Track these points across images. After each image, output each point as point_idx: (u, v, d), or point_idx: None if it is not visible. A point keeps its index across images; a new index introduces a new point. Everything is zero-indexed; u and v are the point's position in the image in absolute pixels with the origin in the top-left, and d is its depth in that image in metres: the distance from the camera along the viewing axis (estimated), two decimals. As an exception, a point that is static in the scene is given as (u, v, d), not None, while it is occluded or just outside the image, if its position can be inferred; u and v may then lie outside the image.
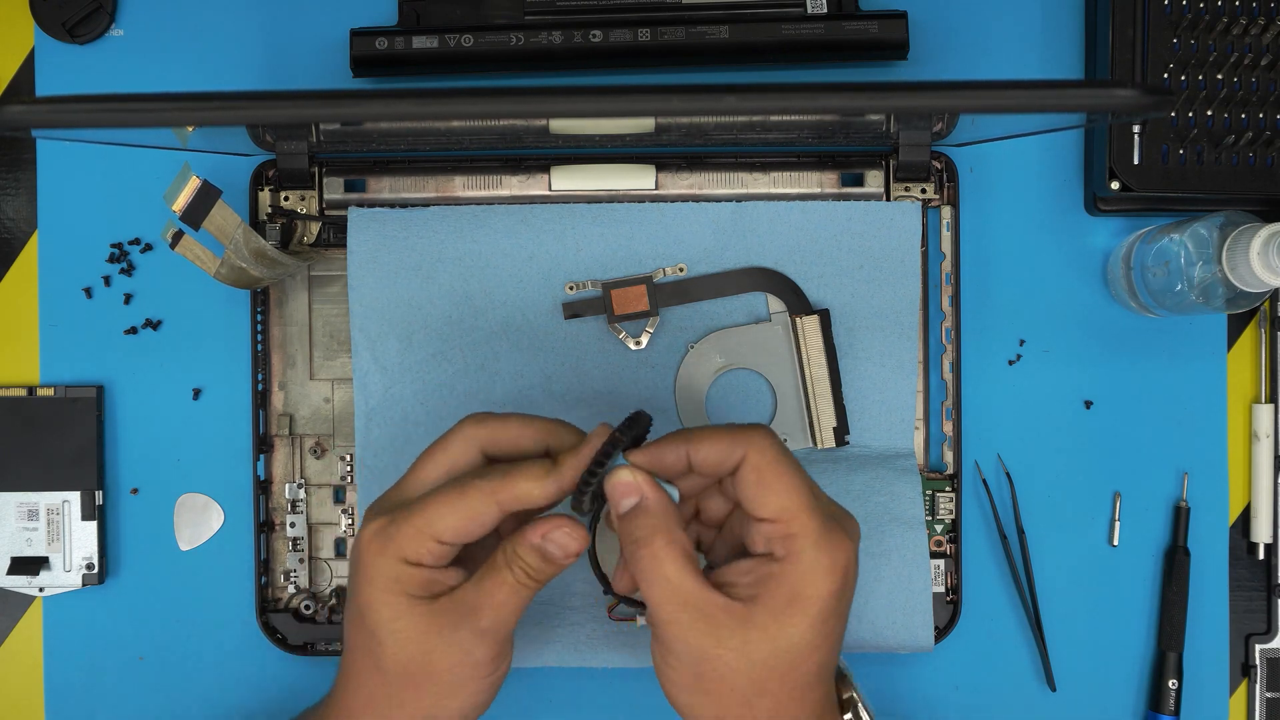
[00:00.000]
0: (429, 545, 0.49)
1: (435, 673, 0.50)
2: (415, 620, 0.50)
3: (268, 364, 0.67)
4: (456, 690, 0.51)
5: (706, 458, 0.50)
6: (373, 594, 0.50)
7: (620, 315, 0.65)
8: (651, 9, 0.65)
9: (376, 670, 0.51)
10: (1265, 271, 0.57)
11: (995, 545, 0.67)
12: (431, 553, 0.50)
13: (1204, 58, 0.64)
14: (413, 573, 0.50)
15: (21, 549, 0.66)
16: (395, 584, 0.50)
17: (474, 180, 0.66)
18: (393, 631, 0.50)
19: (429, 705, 0.51)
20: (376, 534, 0.50)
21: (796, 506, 0.48)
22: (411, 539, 0.49)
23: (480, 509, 0.49)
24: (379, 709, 0.52)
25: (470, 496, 0.49)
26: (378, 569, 0.50)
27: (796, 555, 0.48)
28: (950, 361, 0.66)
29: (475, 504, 0.49)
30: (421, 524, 0.49)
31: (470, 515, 0.49)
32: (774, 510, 0.48)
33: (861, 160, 0.66)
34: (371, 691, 0.52)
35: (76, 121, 0.44)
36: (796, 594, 0.48)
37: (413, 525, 0.49)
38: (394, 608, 0.50)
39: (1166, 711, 0.66)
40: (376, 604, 0.50)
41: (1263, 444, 0.67)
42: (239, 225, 0.58)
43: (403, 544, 0.49)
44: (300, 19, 0.68)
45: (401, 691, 0.51)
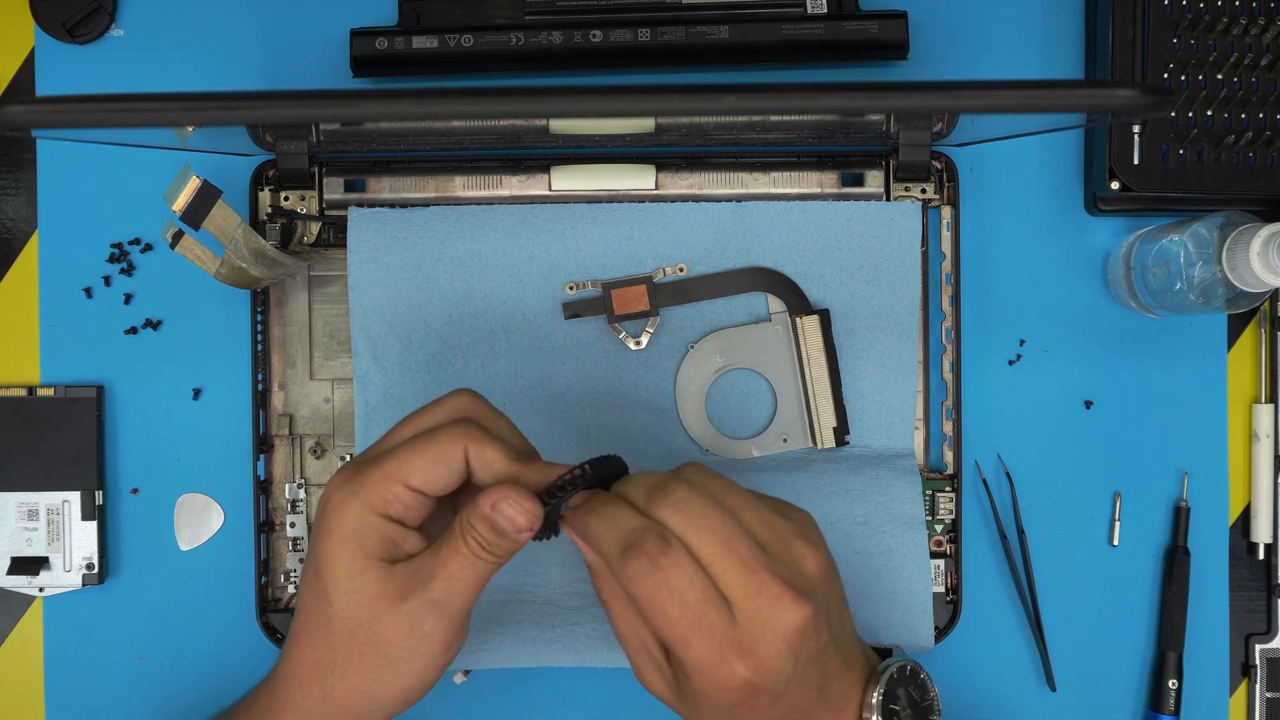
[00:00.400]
0: (397, 490, 0.48)
1: (380, 642, 0.49)
2: (368, 581, 0.49)
3: (268, 364, 0.67)
4: (400, 664, 0.49)
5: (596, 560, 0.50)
6: (331, 547, 0.49)
7: (620, 315, 0.65)
8: (651, 9, 0.65)
9: (324, 632, 0.50)
10: (1265, 271, 0.57)
11: (995, 545, 0.67)
12: (400, 499, 0.48)
13: (1204, 58, 0.64)
14: (377, 524, 0.48)
15: (21, 549, 0.66)
16: (355, 537, 0.48)
17: (474, 180, 0.66)
18: (346, 591, 0.49)
19: (371, 678, 0.50)
20: (343, 482, 0.49)
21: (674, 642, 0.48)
22: (379, 484, 0.48)
23: (449, 454, 0.48)
24: (323, 676, 0.50)
25: (441, 440, 0.48)
26: (340, 518, 0.49)
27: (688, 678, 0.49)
28: (950, 361, 0.66)
29: (445, 447, 0.48)
30: (390, 469, 0.48)
31: (439, 458, 0.48)
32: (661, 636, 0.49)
33: (861, 160, 0.66)
34: (317, 657, 0.50)
35: (76, 121, 0.44)
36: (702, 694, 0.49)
37: (381, 470, 0.48)
38: (349, 565, 0.48)
39: (1166, 711, 0.66)
40: (333, 559, 0.49)
41: (1263, 444, 0.67)
42: (239, 225, 0.58)
43: (370, 491, 0.48)
44: (300, 19, 0.68)
45: (345, 659, 0.50)
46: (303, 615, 0.51)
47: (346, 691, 0.50)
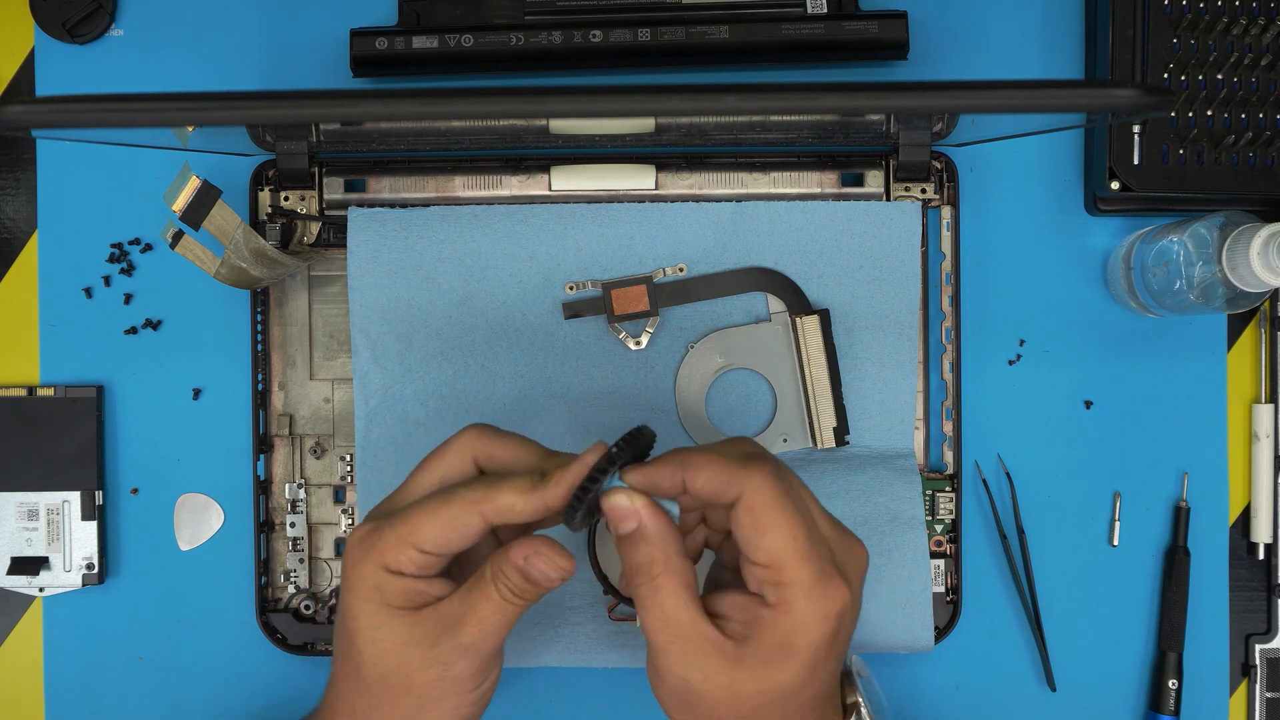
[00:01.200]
0: (409, 554, 0.48)
1: (414, 685, 0.49)
2: (395, 630, 0.49)
3: (268, 364, 0.67)
4: (435, 704, 0.50)
5: (702, 489, 0.48)
6: (353, 601, 0.50)
7: (620, 315, 0.65)
8: (651, 9, 0.65)
9: (356, 679, 0.50)
10: (1265, 271, 0.57)
11: (995, 545, 0.67)
12: (413, 561, 0.49)
13: (1204, 58, 0.64)
14: (394, 581, 0.49)
15: (21, 549, 0.66)
16: (376, 592, 0.49)
17: (474, 180, 0.66)
18: (371, 640, 0.49)
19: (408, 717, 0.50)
20: (360, 540, 0.50)
21: (789, 555, 0.46)
22: (392, 546, 0.49)
23: (462, 519, 0.48)
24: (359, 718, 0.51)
25: (453, 506, 0.48)
26: (359, 575, 0.49)
27: (787, 604, 0.47)
28: (950, 361, 0.66)
29: (457, 514, 0.48)
30: (404, 532, 0.48)
31: (451, 525, 0.48)
32: (766, 556, 0.47)
33: (861, 160, 0.66)
34: (352, 701, 0.51)
35: (76, 121, 0.44)
36: (786, 644, 0.47)
37: (395, 533, 0.49)
38: (373, 617, 0.49)
39: (1166, 711, 0.66)
40: (356, 612, 0.49)
41: (1263, 444, 0.67)
42: (239, 225, 0.58)
43: (384, 551, 0.49)
44: (300, 19, 0.68)
45: (379, 703, 0.50)
46: (336, 661, 0.52)
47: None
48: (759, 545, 0.47)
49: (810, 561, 0.47)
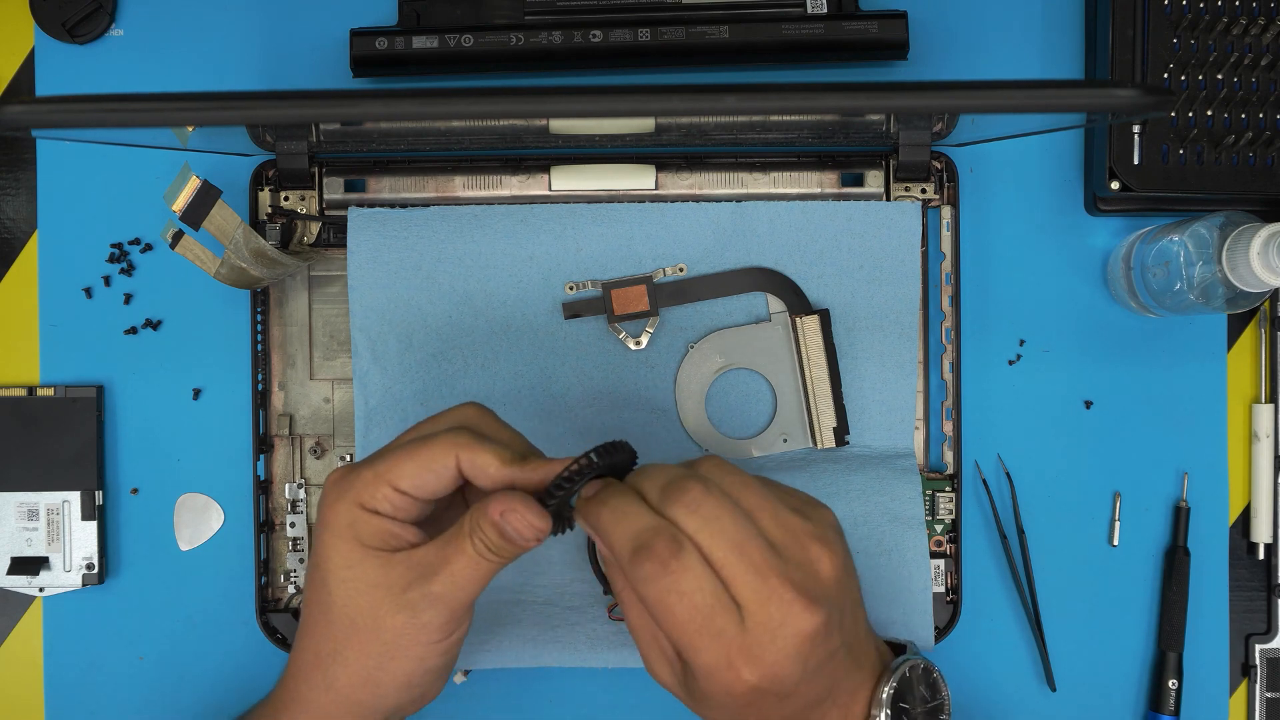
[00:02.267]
0: (385, 491, 0.49)
1: (381, 630, 0.49)
2: (366, 571, 0.49)
3: (268, 364, 0.67)
4: (400, 652, 0.50)
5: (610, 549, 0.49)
6: (327, 539, 0.50)
7: (620, 315, 0.65)
8: (651, 9, 0.65)
9: (325, 621, 0.50)
10: (1265, 271, 0.57)
11: (995, 545, 0.67)
12: (388, 499, 0.49)
13: (1204, 58, 0.64)
14: (369, 520, 0.49)
15: (21, 549, 0.66)
16: (349, 529, 0.49)
17: (474, 180, 0.66)
18: (342, 580, 0.49)
19: (372, 666, 0.50)
20: (337, 480, 0.50)
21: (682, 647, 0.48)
22: (369, 484, 0.49)
23: (439, 461, 0.48)
24: (324, 665, 0.51)
25: (432, 447, 0.49)
26: (335, 513, 0.49)
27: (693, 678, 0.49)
28: (950, 361, 0.66)
29: (435, 454, 0.48)
30: (381, 469, 0.49)
31: (428, 465, 0.48)
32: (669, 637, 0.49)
33: (861, 160, 0.66)
34: (318, 647, 0.51)
35: (76, 121, 0.44)
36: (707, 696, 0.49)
37: (372, 470, 0.49)
38: (347, 555, 0.49)
39: (1166, 711, 0.66)
40: (330, 550, 0.49)
41: (1263, 444, 0.67)
42: (239, 225, 0.58)
43: (360, 489, 0.49)
44: (300, 19, 0.68)
45: (346, 646, 0.50)
46: (306, 610, 0.52)
47: (349, 679, 0.50)
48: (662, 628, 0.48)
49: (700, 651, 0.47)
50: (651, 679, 0.51)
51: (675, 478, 0.48)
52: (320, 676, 0.51)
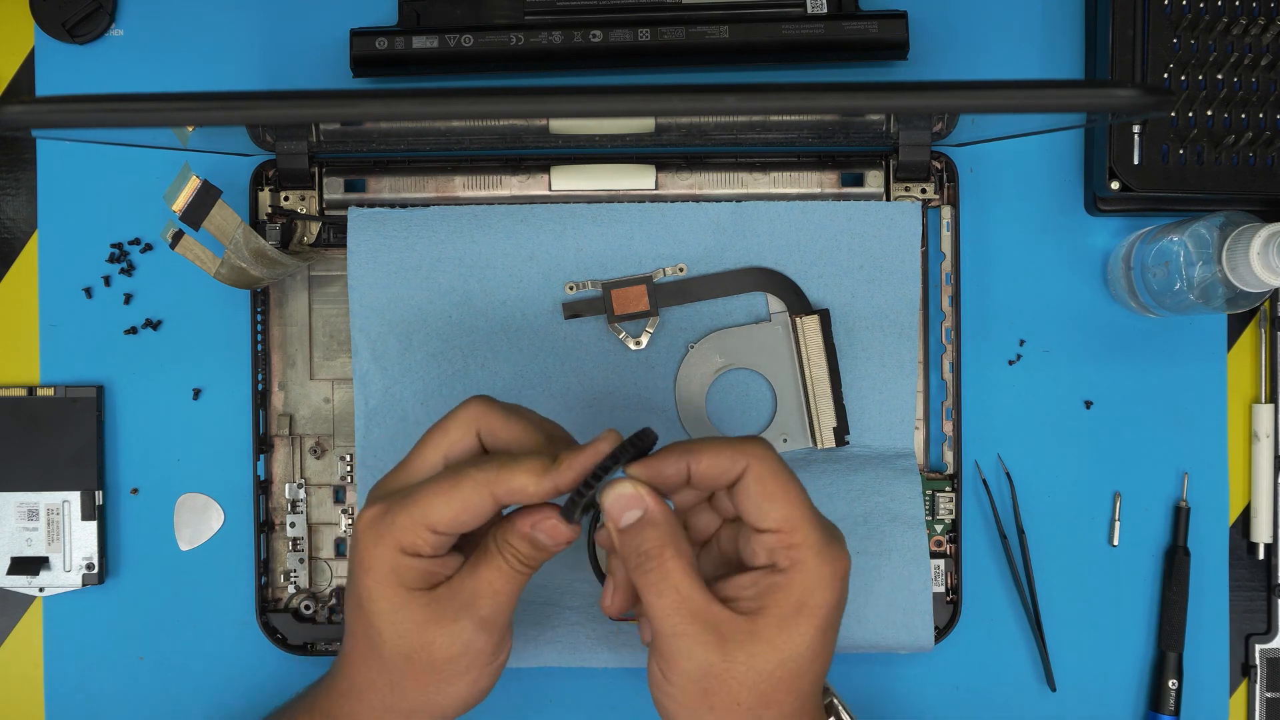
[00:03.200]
0: (424, 535, 0.49)
1: (436, 662, 0.51)
2: (414, 612, 0.50)
3: (268, 364, 0.67)
4: (457, 678, 0.51)
5: (708, 470, 0.49)
6: (371, 584, 0.50)
7: (620, 315, 0.65)
8: (651, 9, 0.65)
9: (377, 658, 0.51)
10: (1265, 271, 0.57)
11: (995, 545, 0.67)
12: (428, 542, 0.49)
13: (1204, 58, 0.64)
14: (410, 563, 0.50)
15: (21, 549, 0.66)
16: (393, 575, 0.50)
17: (474, 180, 0.66)
18: (392, 623, 0.50)
19: (431, 692, 0.52)
20: (373, 523, 0.50)
21: (799, 517, 0.49)
22: (407, 529, 0.49)
23: (474, 500, 0.49)
24: (380, 692, 0.52)
25: (464, 487, 0.49)
26: (375, 558, 0.50)
27: (801, 565, 0.48)
28: (950, 361, 0.66)
29: (469, 495, 0.49)
30: (417, 514, 0.49)
31: (464, 506, 0.49)
32: (777, 521, 0.49)
33: (861, 160, 0.66)
34: (373, 677, 0.52)
35: (76, 121, 0.44)
36: (803, 603, 0.48)
37: (408, 515, 0.49)
38: (392, 600, 0.50)
39: (1166, 711, 0.66)
40: (374, 595, 0.50)
41: (1263, 444, 0.67)
42: (239, 225, 0.58)
43: (399, 534, 0.49)
44: (300, 19, 0.68)
45: (403, 679, 0.51)
46: (353, 639, 0.52)
47: (408, 705, 0.52)
48: (769, 512, 0.49)
49: (817, 525, 0.49)
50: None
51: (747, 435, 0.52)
52: (378, 700, 0.52)
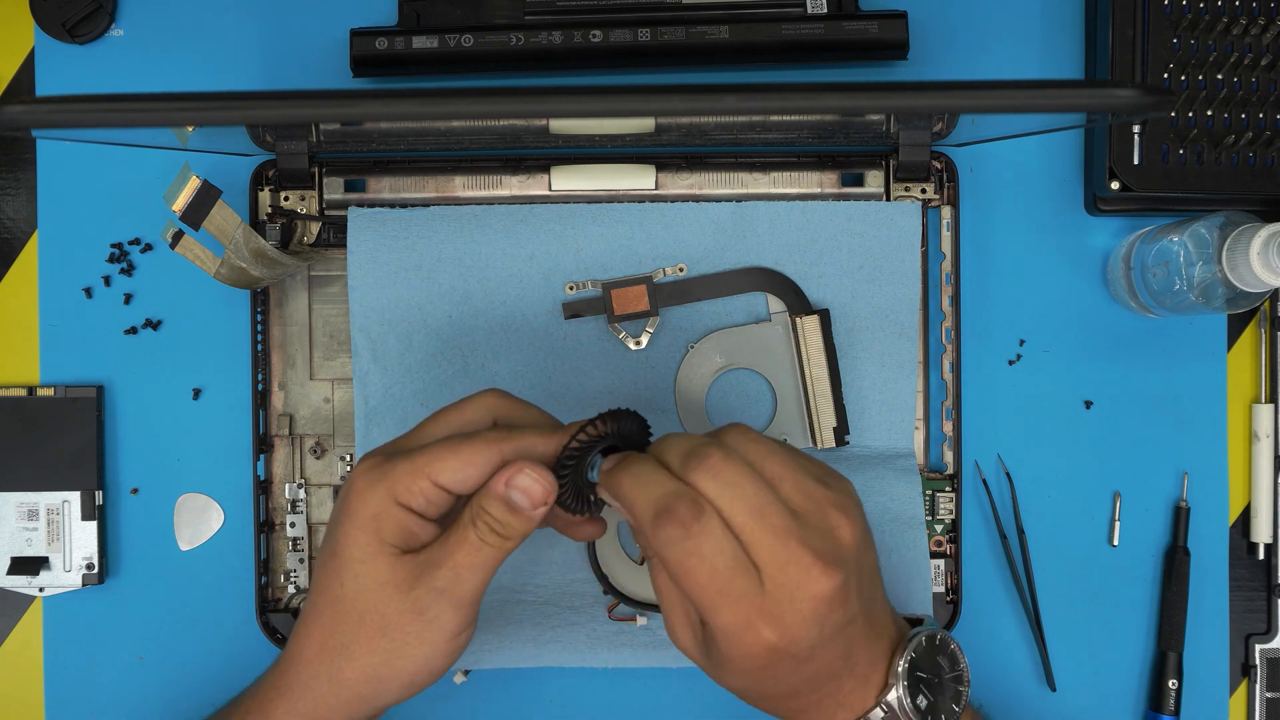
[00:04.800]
0: (423, 485, 0.49)
1: (387, 627, 0.50)
2: (378, 566, 0.49)
3: (268, 364, 0.67)
4: (406, 651, 0.50)
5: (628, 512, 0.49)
6: (349, 529, 0.50)
7: (620, 315, 0.65)
8: (651, 9, 0.65)
9: (333, 612, 0.50)
10: (1265, 271, 0.57)
11: (995, 545, 0.67)
12: (424, 493, 0.49)
13: (1204, 58, 0.64)
14: (395, 513, 0.49)
15: (21, 549, 0.66)
16: (373, 522, 0.49)
17: (474, 180, 0.66)
18: (355, 575, 0.49)
19: (378, 663, 0.50)
20: (370, 469, 0.50)
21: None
22: (407, 475, 0.49)
23: (482, 456, 0.49)
24: (330, 657, 0.51)
25: (474, 443, 0.49)
26: (362, 503, 0.49)
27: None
28: (950, 361, 0.66)
29: (478, 450, 0.49)
30: (421, 463, 0.49)
31: (470, 461, 0.49)
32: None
33: (861, 160, 0.66)
34: (325, 638, 0.51)
35: (76, 121, 0.44)
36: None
37: (411, 463, 0.49)
38: (364, 548, 0.49)
39: (1166, 711, 0.66)
40: (348, 542, 0.50)
41: (1263, 444, 0.67)
42: (239, 225, 0.58)
43: (396, 480, 0.49)
44: (300, 19, 0.68)
45: (353, 641, 0.50)
46: (315, 594, 0.52)
47: (354, 674, 0.51)
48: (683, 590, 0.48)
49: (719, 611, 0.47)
50: (649, 680, 0.51)
51: (697, 445, 0.48)
52: (325, 668, 0.51)
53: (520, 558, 0.65)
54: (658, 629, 0.65)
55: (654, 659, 0.64)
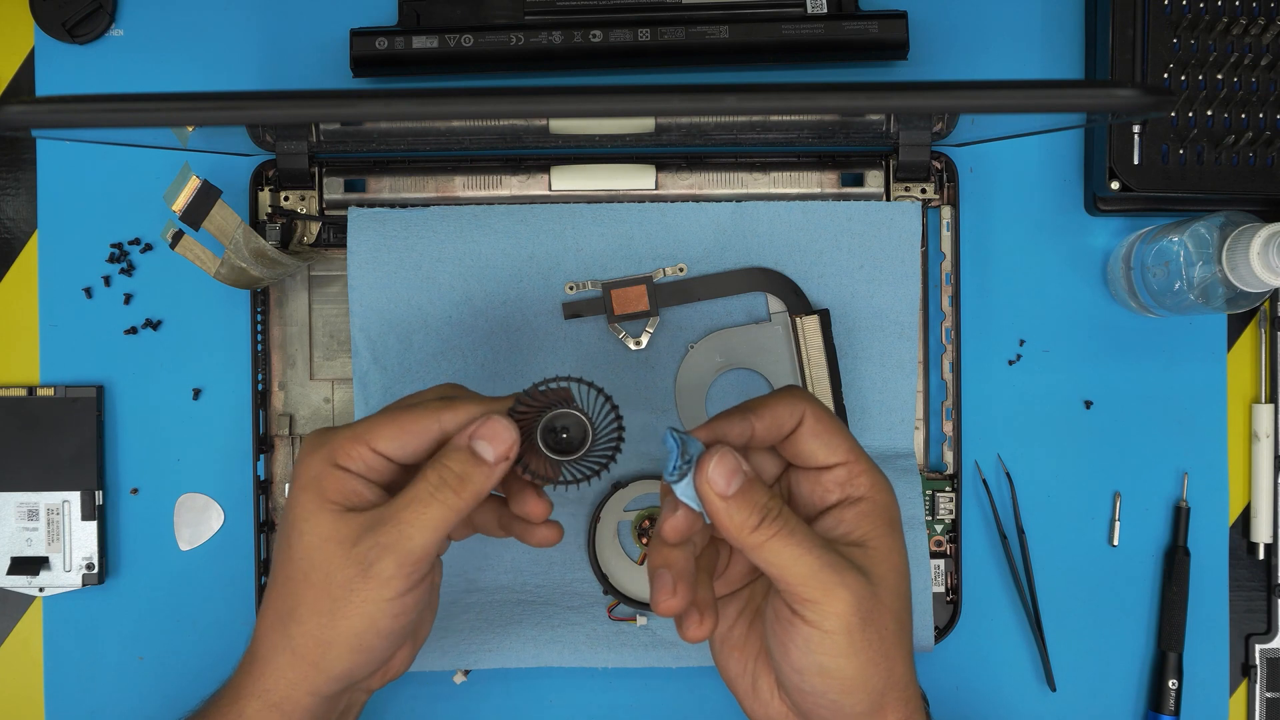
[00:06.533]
0: (360, 450, 0.50)
1: (331, 584, 0.49)
2: (320, 523, 0.49)
3: (268, 364, 0.67)
4: (350, 609, 0.49)
5: (769, 425, 0.50)
6: (295, 494, 0.50)
7: (620, 315, 0.65)
8: (651, 9, 0.65)
9: (283, 576, 0.51)
10: (1265, 271, 0.57)
11: (995, 545, 0.67)
12: (362, 458, 0.50)
13: (1204, 58, 0.64)
14: (335, 475, 0.50)
15: (21, 549, 0.66)
16: (314, 483, 0.50)
17: (474, 180, 0.66)
18: (301, 532, 0.50)
19: (324, 623, 0.50)
20: (314, 437, 0.51)
21: (854, 446, 0.51)
22: (346, 442, 0.50)
23: (421, 424, 0.50)
24: (283, 623, 0.51)
25: (413, 412, 0.50)
26: (305, 468, 0.50)
27: (875, 486, 0.51)
28: (950, 361, 0.66)
29: (417, 418, 0.50)
30: (360, 431, 0.50)
31: (409, 428, 0.50)
32: (843, 453, 0.51)
33: (861, 160, 0.66)
34: (278, 606, 0.51)
35: (76, 121, 0.44)
36: (891, 519, 0.51)
37: (350, 431, 0.50)
38: (306, 507, 0.50)
39: (1166, 711, 0.66)
40: (294, 503, 0.50)
41: (1263, 444, 0.67)
42: (239, 225, 0.58)
43: (335, 447, 0.50)
44: (300, 19, 0.68)
45: (299, 602, 0.50)
46: (272, 568, 0.52)
47: (303, 638, 0.50)
48: (835, 446, 0.51)
49: (864, 455, 0.52)
50: (650, 680, 0.52)
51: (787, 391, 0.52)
52: (280, 636, 0.51)
53: (520, 558, 0.65)
54: (657, 629, 0.65)
55: (654, 659, 0.65)
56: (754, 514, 0.47)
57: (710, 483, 0.47)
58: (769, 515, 0.47)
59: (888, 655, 0.48)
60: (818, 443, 0.51)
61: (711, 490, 0.47)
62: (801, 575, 0.47)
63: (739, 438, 0.50)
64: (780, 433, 0.51)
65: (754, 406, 0.50)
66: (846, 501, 0.51)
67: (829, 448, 0.51)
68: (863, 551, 0.49)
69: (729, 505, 0.47)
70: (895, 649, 0.49)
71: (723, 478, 0.47)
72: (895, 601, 0.49)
